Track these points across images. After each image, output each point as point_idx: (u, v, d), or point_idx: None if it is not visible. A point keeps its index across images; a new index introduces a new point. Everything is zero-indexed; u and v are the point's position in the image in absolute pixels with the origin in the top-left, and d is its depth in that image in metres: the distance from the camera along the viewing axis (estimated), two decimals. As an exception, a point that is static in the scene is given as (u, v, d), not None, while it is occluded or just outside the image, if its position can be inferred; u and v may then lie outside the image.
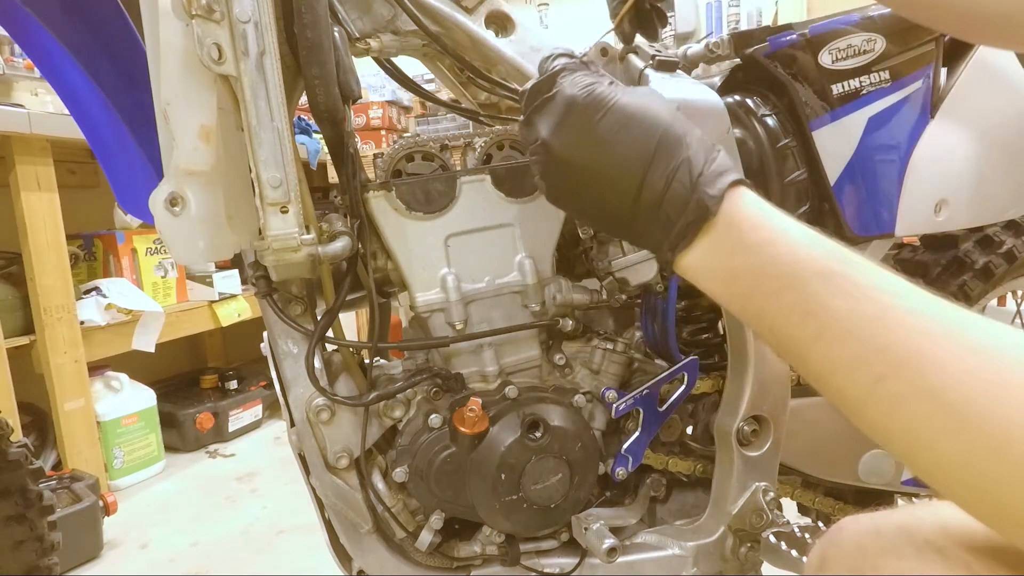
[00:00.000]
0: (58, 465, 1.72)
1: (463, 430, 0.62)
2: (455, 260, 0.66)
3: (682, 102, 0.66)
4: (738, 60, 0.73)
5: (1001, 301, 1.42)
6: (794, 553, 0.79)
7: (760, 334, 0.43)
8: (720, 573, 0.75)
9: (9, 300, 1.62)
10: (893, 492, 0.83)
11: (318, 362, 0.63)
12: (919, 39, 0.71)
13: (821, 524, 0.89)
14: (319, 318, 0.64)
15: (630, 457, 0.70)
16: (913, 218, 0.73)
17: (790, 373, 0.72)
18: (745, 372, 0.69)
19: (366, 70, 0.67)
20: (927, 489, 0.82)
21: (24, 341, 1.62)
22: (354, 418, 0.65)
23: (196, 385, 2.33)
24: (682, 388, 0.71)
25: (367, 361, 0.67)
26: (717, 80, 0.78)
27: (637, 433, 0.70)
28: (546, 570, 0.71)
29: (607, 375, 0.71)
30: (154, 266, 2.01)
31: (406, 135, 0.69)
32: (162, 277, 2.03)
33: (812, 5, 2.48)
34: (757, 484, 0.74)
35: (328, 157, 0.87)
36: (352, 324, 2.63)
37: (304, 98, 0.59)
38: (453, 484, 0.65)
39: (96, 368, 1.83)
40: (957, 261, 0.94)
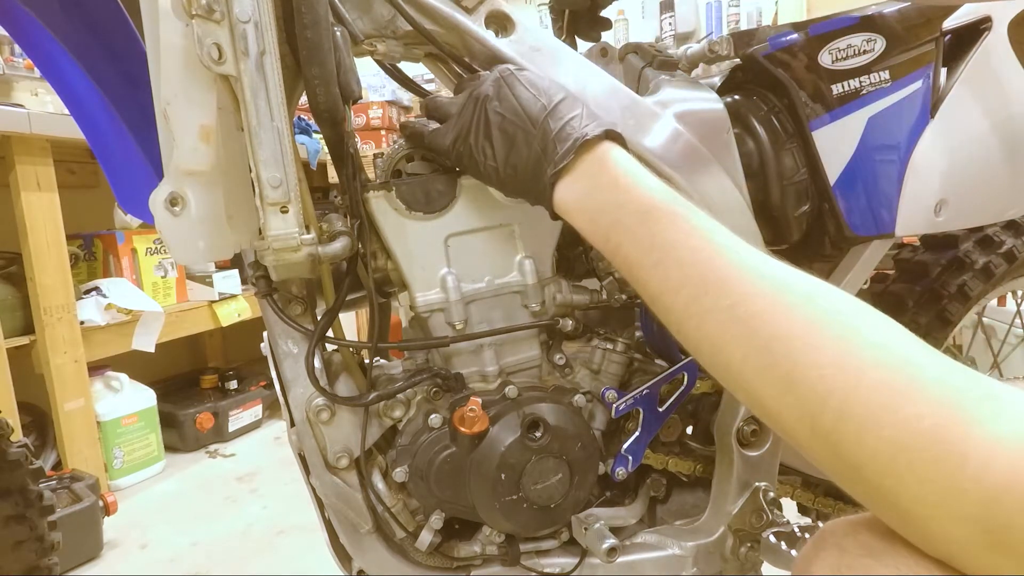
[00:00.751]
0: (58, 465, 1.72)
1: (463, 430, 0.62)
2: (455, 260, 0.66)
3: (682, 103, 0.66)
4: (738, 60, 0.73)
5: (1001, 301, 1.42)
6: (794, 553, 0.79)
7: (616, 263, 0.51)
8: (720, 573, 0.75)
9: (9, 300, 1.62)
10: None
11: (318, 362, 0.63)
12: (919, 39, 0.71)
13: (821, 524, 0.89)
14: (319, 318, 0.64)
15: (630, 457, 0.70)
16: (913, 218, 0.73)
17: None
18: (745, 372, 0.69)
19: (366, 70, 0.67)
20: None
21: (24, 341, 1.62)
22: (354, 418, 0.65)
23: (196, 385, 2.33)
24: (682, 388, 0.71)
25: (367, 361, 0.67)
26: (717, 80, 0.79)
27: (637, 433, 0.70)
28: (546, 570, 0.71)
29: (607, 375, 0.71)
30: (154, 266, 2.01)
31: (406, 135, 0.69)
32: (162, 277, 2.03)
33: (812, 5, 2.48)
34: (757, 484, 0.74)
35: (328, 157, 0.87)
36: (352, 324, 2.63)
37: (304, 98, 0.59)
38: (453, 484, 0.65)
39: (96, 368, 1.83)
40: (957, 261, 0.95)
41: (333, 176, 2.68)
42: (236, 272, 2.21)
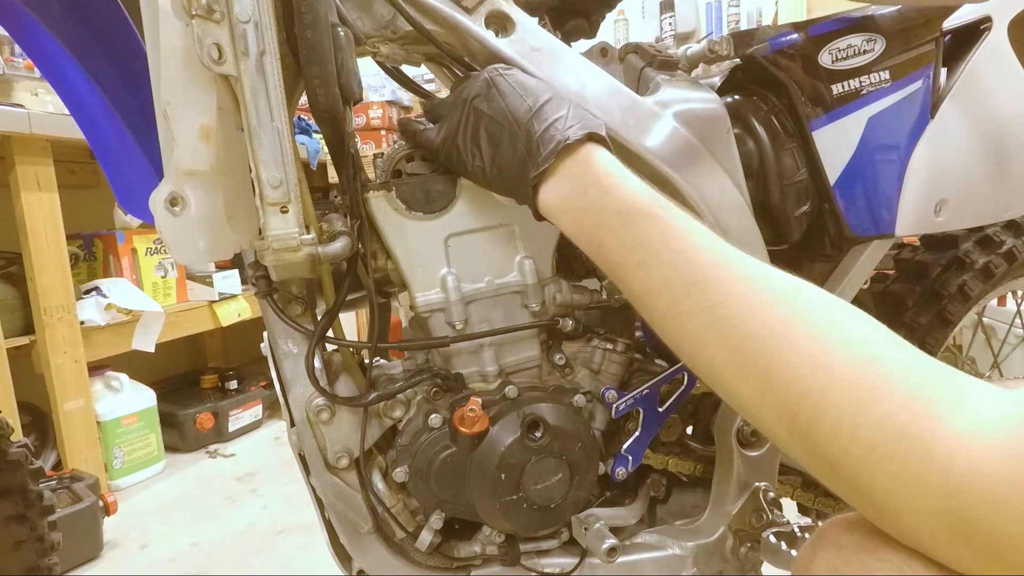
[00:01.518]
0: (58, 465, 1.72)
1: (463, 430, 0.62)
2: (455, 260, 0.66)
3: (682, 103, 0.66)
4: (738, 60, 0.73)
5: (1001, 301, 1.42)
6: (794, 553, 0.79)
7: (599, 263, 0.52)
8: (720, 573, 0.75)
9: (9, 300, 1.61)
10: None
11: (318, 362, 0.63)
12: (919, 39, 0.71)
13: (821, 524, 0.89)
14: (319, 318, 0.64)
15: (630, 457, 0.70)
16: (913, 218, 0.73)
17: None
18: (745, 372, 0.69)
19: (366, 70, 0.67)
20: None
21: (24, 341, 1.62)
22: (354, 418, 0.65)
23: (196, 385, 2.32)
24: (682, 388, 0.71)
25: (367, 361, 0.67)
26: (717, 80, 0.79)
27: (637, 433, 0.70)
28: (546, 570, 0.71)
29: (607, 375, 0.71)
30: (154, 266, 2.01)
31: (406, 135, 0.69)
32: (162, 277, 2.03)
33: (812, 5, 2.48)
34: (757, 484, 0.74)
35: (328, 157, 0.87)
36: (352, 324, 2.63)
37: (304, 98, 0.59)
38: (453, 484, 0.65)
39: (96, 368, 1.83)
40: (957, 261, 0.95)
41: (333, 176, 2.68)
42: (236, 272, 2.21)
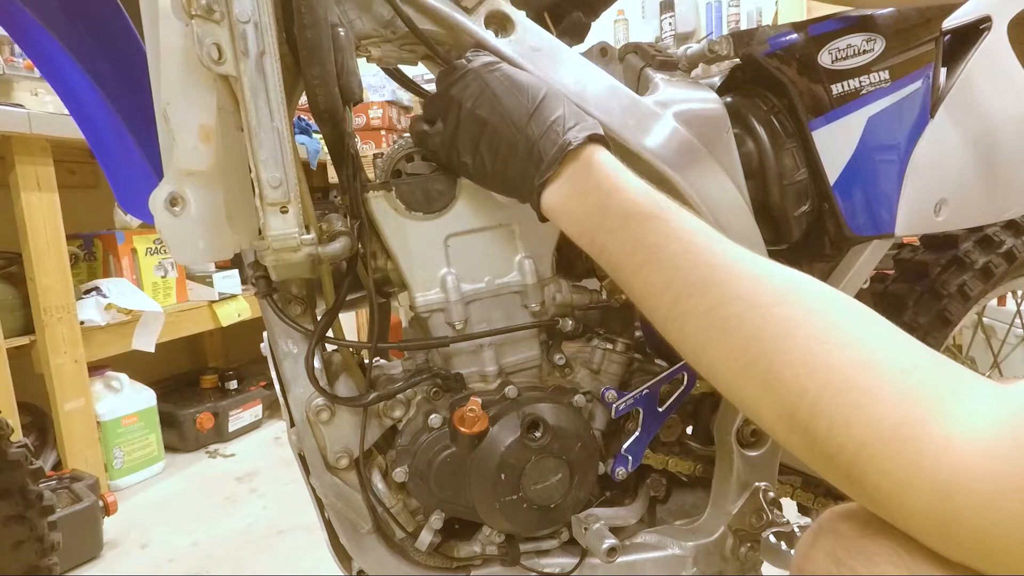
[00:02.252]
0: (58, 465, 1.72)
1: (463, 430, 0.62)
2: (455, 260, 0.66)
3: (682, 103, 0.66)
4: (738, 60, 0.73)
5: (1001, 301, 1.42)
6: (794, 553, 0.79)
7: (602, 265, 0.52)
8: (720, 573, 0.75)
9: (9, 300, 1.61)
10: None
11: (318, 362, 0.63)
12: (919, 39, 0.71)
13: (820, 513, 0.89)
14: (319, 318, 0.64)
15: (630, 457, 0.70)
16: (913, 218, 0.73)
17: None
18: (745, 372, 0.69)
19: (366, 70, 0.67)
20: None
21: (24, 341, 1.62)
22: (354, 418, 0.65)
23: (196, 385, 2.32)
24: (682, 388, 0.71)
25: (367, 361, 0.67)
26: (717, 80, 0.79)
27: (637, 433, 0.70)
28: (546, 570, 0.71)
29: (607, 375, 0.71)
30: (154, 266, 2.01)
31: (406, 135, 0.69)
32: (162, 277, 2.03)
33: (812, 5, 2.48)
34: (757, 484, 0.74)
35: (328, 157, 0.87)
36: (352, 324, 2.63)
37: (304, 98, 0.59)
38: (453, 484, 0.65)
39: (96, 368, 1.82)
40: (957, 261, 0.94)
41: (333, 176, 2.68)
42: (236, 272, 2.21)
